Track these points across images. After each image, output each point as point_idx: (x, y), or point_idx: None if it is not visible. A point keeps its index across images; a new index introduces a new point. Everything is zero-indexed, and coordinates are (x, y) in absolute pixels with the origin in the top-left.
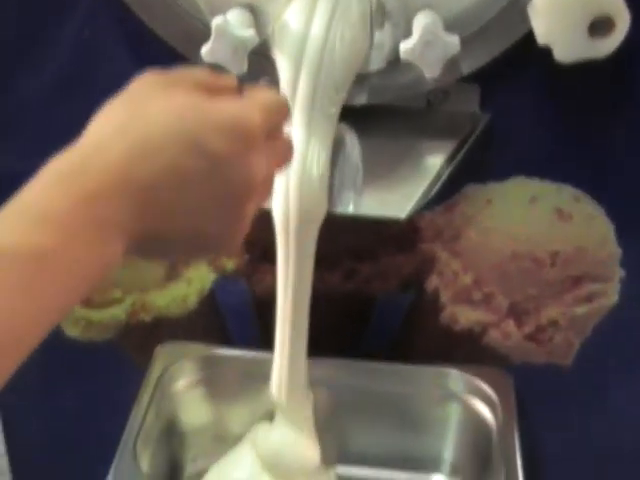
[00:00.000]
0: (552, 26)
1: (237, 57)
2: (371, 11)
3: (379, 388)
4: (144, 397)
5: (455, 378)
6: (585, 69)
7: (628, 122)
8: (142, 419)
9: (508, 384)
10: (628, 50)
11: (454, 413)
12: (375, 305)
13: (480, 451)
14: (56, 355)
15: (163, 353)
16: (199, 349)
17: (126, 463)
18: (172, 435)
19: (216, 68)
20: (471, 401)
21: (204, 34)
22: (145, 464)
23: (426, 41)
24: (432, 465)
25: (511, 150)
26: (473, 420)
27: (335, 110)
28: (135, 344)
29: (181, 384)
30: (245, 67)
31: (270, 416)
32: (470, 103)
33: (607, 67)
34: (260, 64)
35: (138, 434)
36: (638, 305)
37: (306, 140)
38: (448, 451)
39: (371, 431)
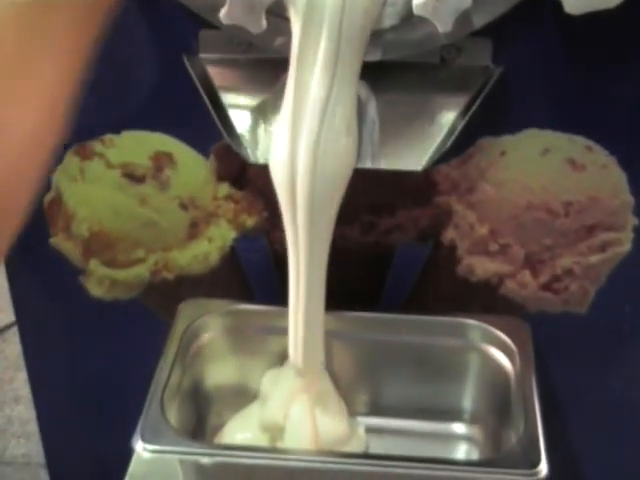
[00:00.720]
0: None
1: (254, 16)
2: None
3: (398, 340)
4: (169, 352)
5: (473, 328)
6: (596, 20)
7: (636, 72)
8: (168, 373)
9: (525, 332)
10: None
11: (473, 362)
12: (393, 258)
13: (499, 399)
14: (82, 314)
15: (186, 309)
16: (221, 305)
17: (154, 416)
18: (197, 389)
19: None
20: (489, 350)
21: None
22: (172, 417)
23: None
24: (452, 414)
25: (523, 103)
26: (491, 369)
27: (358, 64)
28: (159, 301)
29: (205, 338)
30: (264, 25)
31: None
32: (482, 57)
33: (618, 17)
34: (275, 24)
35: (165, 388)
36: None
37: (327, 96)
38: (468, 400)
39: (391, 382)
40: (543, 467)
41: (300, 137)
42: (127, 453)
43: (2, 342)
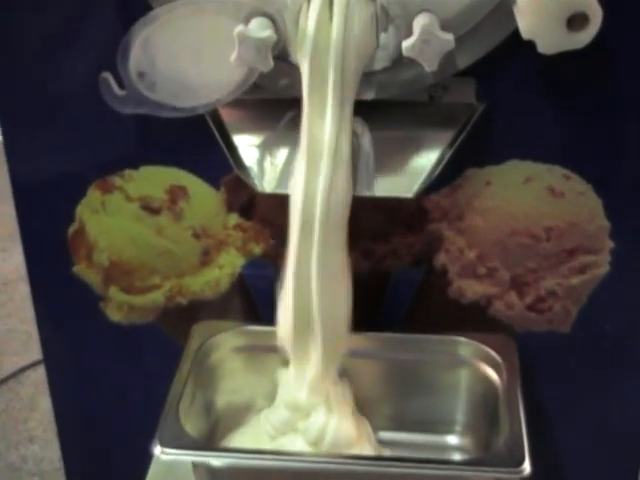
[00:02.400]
0: (535, 23)
1: (261, 56)
2: (377, 16)
3: (394, 357)
4: (184, 368)
5: (464, 345)
6: (567, 58)
7: (608, 105)
8: (183, 386)
9: (511, 348)
10: (602, 40)
11: (463, 377)
12: (389, 281)
13: (489, 410)
14: (102, 338)
15: (199, 330)
16: (231, 325)
17: (170, 422)
18: (209, 403)
19: None
20: (478, 365)
21: None
22: (187, 426)
23: (424, 39)
24: (446, 427)
25: (506, 136)
26: (481, 382)
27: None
28: (173, 325)
29: (216, 356)
30: (271, 64)
31: None
32: (467, 95)
33: (587, 56)
34: (279, 67)
35: (180, 399)
36: (627, 273)
37: (336, 130)
38: (460, 413)
39: (387, 397)
40: (527, 465)
41: (318, 171)
42: None
43: (17, 384)
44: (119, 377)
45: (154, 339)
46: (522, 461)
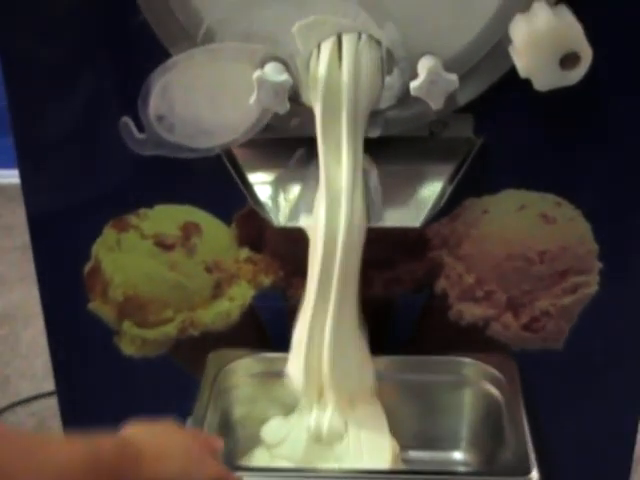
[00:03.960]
0: (530, 62)
1: (279, 99)
2: (382, 59)
3: (401, 378)
4: (204, 393)
5: (467, 365)
6: (559, 95)
7: (596, 136)
8: (204, 411)
9: (512, 367)
10: (593, 77)
11: (467, 396)
12: (394, 306)
13: (492, 426)
14: (115, 371)
15: (215, 358)
16: (245, 353)
17: None
18: (228, 424)
19: None
20: (482, 384)
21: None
22: None
23: (431, 80)
24: (451, 443)
25: (501, 167)
26: (484, 400)
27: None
28: (185, 356)
29: (233, 382)
30: (287, 106)
31: None
32: (465, 130)
33: (578, 92)
34: (290, 108)
35: (203, 422)
36: (615, 292)
37: (352, 167)
38: (464, 430)
39: (396, 416)
40: (535, 474)
41: (338, 207)
42: None
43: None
44: (132, 409)
45: (167, 370)
46: (530, 470)
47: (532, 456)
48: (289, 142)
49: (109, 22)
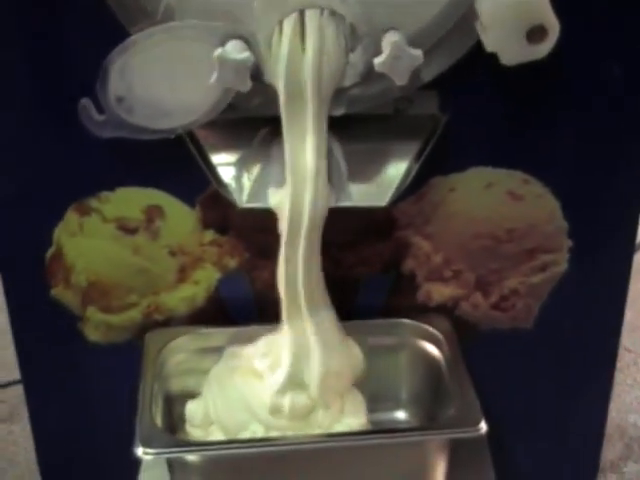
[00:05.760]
0: (496, 36)
1: (240, 78)
2: (345, 35)
3: None
4: (147, 374)
5: (404, 326)
6: (527, 69)
7: (564, 112)
8: (150, 391)
9: (448, 325)
10: (560, 51)
11: (406, 356)
12: (361, 288)
13: (434, 385)
14: (81, 358)
15: (153, 337)
16: (182, 331)
17: (146, 422)
18: (173, 402)
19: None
20: (420, 343)
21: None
22: (159, 422)
23: (395, 55)
24: (394, 404)
25: (467, 144)
26: (424, 359)
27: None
28: None
29: (175, 359)
30: (249, 84)
31: None
32: (431, 107)
33: (545, 66)
34: (253, 87)
35: (150, 403)
36: (585, 271)
37: (317, 147)
38: (405, 390)
39: None
40: (483, 424)
41: (303, 187)
42: None
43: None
44: (99, 395)
45: (132, 356)
46: (478, 420)
47: (478, 407)
48: (252, 122)
49: (65, 1)
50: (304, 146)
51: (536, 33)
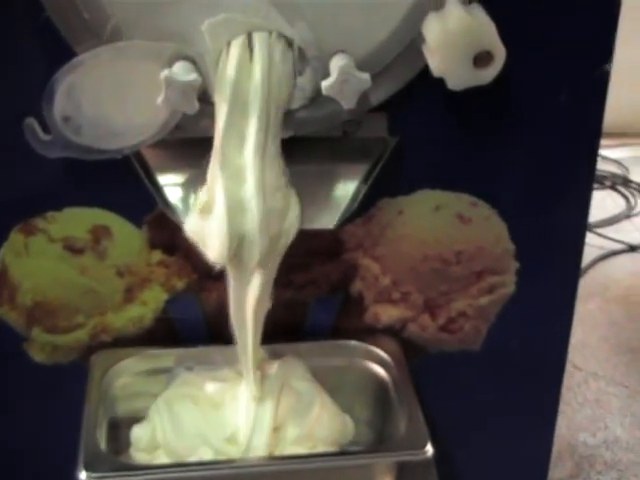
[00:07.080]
0: (443, 61)
1: (187, 99)
2: (294, 59)
3: None
4: (92, 397)
5: (353, 348)
6: (474, 95)
7: (511, 136)
8: (95, 414)
9: (396, 347)
10: (506, 76)
11: (354, 377)
12: (309, 309)
13: (381, 406)
14: (26, 379)
15: (99, 359)
16: (128, 352)
17: (90, 445)
18: (118, 424)
19: None
20: (368, 365)
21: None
22: (103, 445)
23: (343, 79)
24: None
25: (416, 167)
26: (372, 381)
27: (278, 143)
28: None
29: (120, 382)
30: (197, 106)
31: None
32: (379, 130)
33: (490, 91)
34: (200, 108)
35: (94, 426)
36: (532, 292)
37: (261, 175)
38: (354, 411)
39: None
40: (429, 448)
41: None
42: None
43: None
44: (43, 416)
45: (78, 377)
46: (425, 443)
47: (425, 430)
48: (200, 142)
49: (11, 18)
50: (243, 169)
51: (482, 58)
